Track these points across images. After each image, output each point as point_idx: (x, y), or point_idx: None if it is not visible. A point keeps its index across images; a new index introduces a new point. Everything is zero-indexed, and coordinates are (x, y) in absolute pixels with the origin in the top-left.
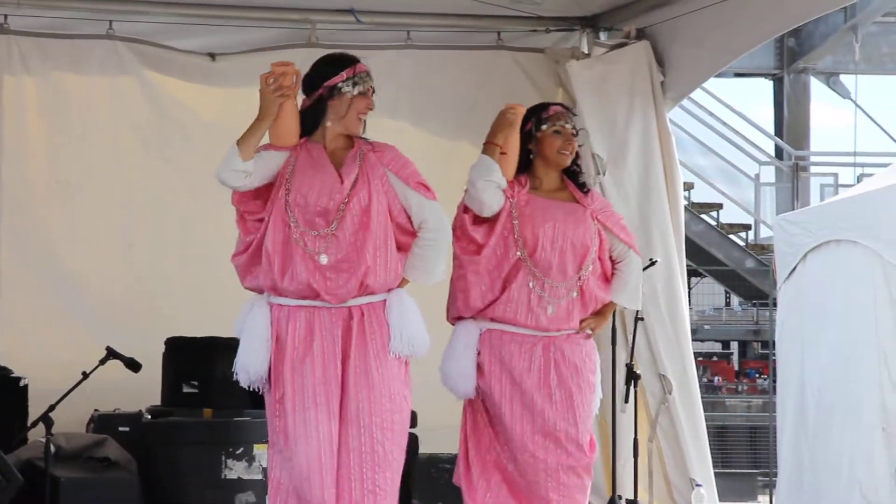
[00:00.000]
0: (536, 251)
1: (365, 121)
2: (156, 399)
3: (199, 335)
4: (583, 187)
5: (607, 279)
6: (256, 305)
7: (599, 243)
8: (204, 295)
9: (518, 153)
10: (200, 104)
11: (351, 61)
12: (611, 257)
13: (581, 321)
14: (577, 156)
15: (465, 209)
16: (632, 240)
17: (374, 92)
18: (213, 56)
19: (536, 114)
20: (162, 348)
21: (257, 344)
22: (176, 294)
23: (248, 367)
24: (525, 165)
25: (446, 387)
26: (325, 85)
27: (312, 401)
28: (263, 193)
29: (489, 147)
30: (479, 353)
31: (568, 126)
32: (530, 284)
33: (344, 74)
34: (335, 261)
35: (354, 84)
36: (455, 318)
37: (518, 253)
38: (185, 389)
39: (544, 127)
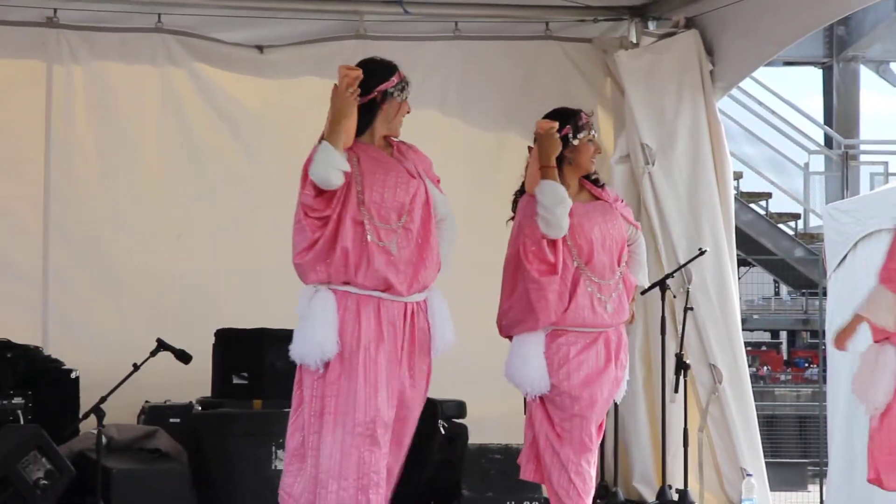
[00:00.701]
0: (593, 258)
1: None
2: (206, 390)
3: (248, 326)
4: (597, 182)
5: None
6: (321, 290)
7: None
8: (253, 286)
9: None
10: (248, 96)
11: (396, 67)
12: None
13: None
14: None
15: (542, 235)
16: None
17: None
18: (261, 48)
19: (572, 121)
20: (212, 340)
21: (329, 327)
22: (225, 285)
23: (322, 346)
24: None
25: (519, 388)
26: (378, 89)
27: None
28: (324, 192)
29: (549, 171)
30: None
31: (595, 133)
32: (589, 289)
33: (394, 80)
34: (406, 253)
35: (402, 90)
36: (523, 332)
37: (575, 262)
38: (235, 381)
39: (581, 135)
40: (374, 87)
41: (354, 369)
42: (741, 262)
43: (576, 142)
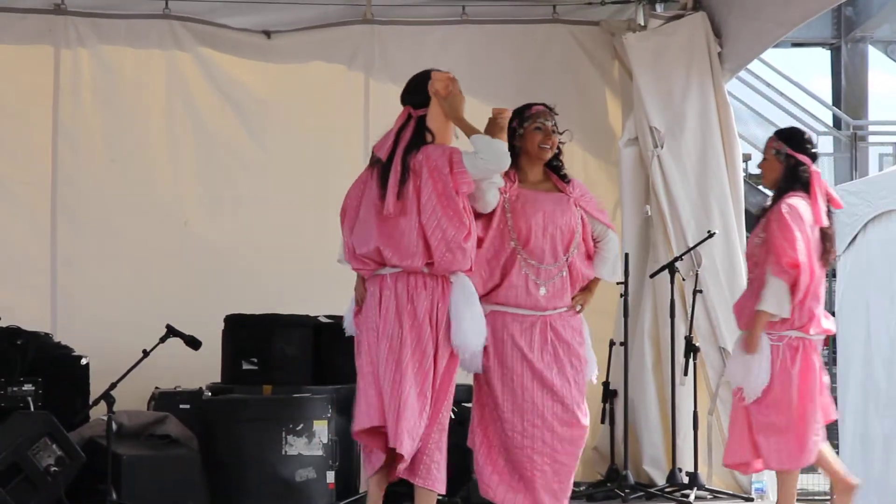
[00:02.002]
0: (530, 241)
1: None
2: (216, 376)
3: (258, 312)
4: (564, 178)
5: (590, 258)
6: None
7: (583, 227)
8: (262, 271)
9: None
10: (256, 81)
11: None
12: (593, 238)
13: (571, 298)
14: (559, 151)
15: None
16: (608, 220)
17: None
18: (268, 34)
19: (520, 113)
20: (221, 325)
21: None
22: (234, 271)
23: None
24: (512, 161)
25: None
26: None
27: None
28: None
29: (461, 123)
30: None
31: (548, 123)
32: (524, 271)
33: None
34: None
35: None
36: None
37: (512, 243)
38: (245, 366)
39: (526, 124)
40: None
41: None
42: None
43: (521, 130)
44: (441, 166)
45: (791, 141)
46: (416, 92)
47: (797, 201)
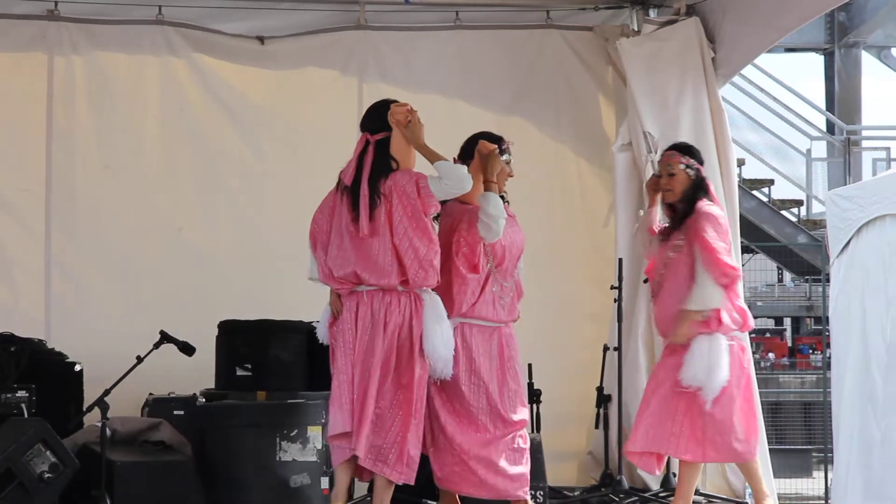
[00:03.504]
0: (504, 262)
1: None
2: (210, 382)
3: (252, 318)
4: (503, 199)
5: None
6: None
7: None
8: (256, 277)
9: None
10: (250, 87)
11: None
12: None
13: None
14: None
15: (479, 239)
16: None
17: None
18: (262, 39)
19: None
20: (215, 331)
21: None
22: (228, 277)
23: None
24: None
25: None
26: None
27: None
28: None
29: (492, 185)
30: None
31: (510, 158)
32: (494, 289)
33: None
34: None
35: None
36: None
37: (488, 265)
38: (239, 372)
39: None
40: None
41: None
42: (744, 249)
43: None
44: (409, 191)
45: (693, 154)
46: (374, 119)
47: (717, 209)
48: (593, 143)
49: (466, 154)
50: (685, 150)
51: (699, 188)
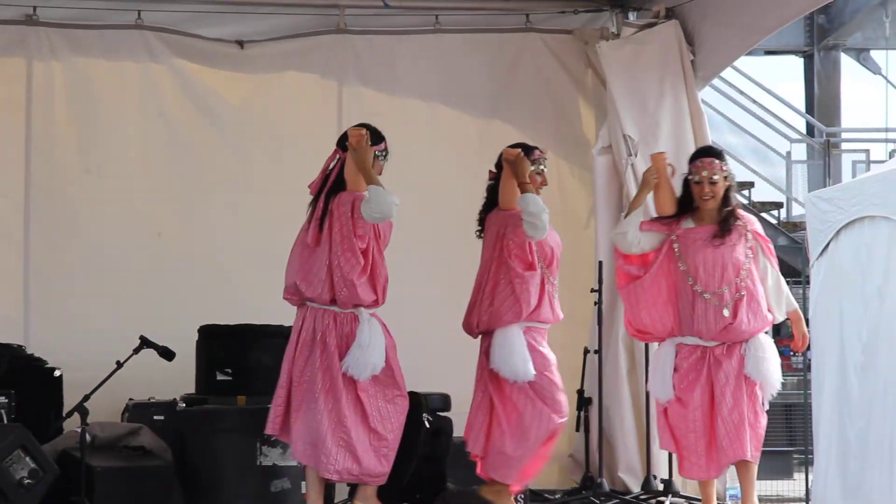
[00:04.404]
0: (553, 262)
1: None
2: (190, 387)
3: (232, 323)
4: None
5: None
6: (372, 319)
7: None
8: (237, 282)
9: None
10: (230, 91)
11: (383, 137)
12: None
13: None
14: None
15: (525, 238)
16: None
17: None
18: (241, 44)
19: (529, 156)
20: (195, 336)
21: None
22: (209, 281)
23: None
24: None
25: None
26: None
27: None
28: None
29: (527, 186)
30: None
31: (544, 168)
32: (548, 290)
33: (382, 146)
34: None
35: (385, 156)
36: (506, 324)
37: (539, 265)
38: (219, 377)
39: (532, 168)
40: (373, 145)
41: None
42: None
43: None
44: (345, 211)
45: (724, 160)
46: (345, 137)
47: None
48: (573, 145)
49: (499, 165)
50: (719, 156)
51: (732, 193)
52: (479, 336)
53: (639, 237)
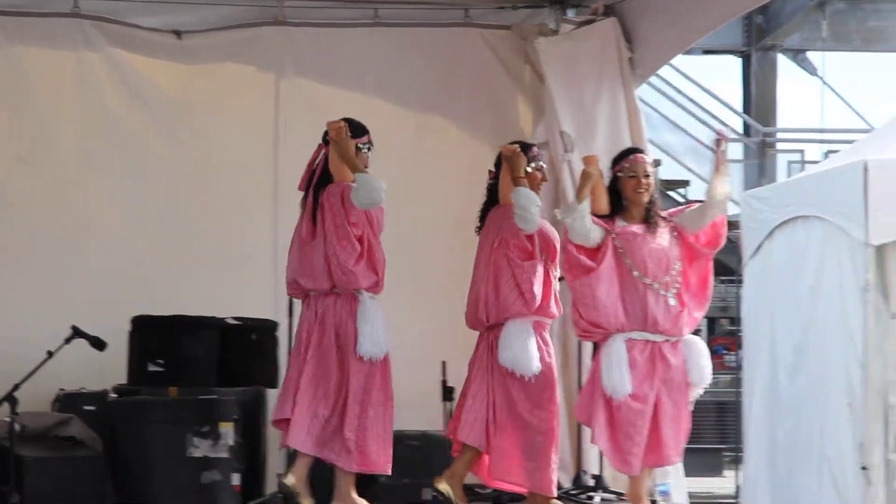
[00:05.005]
0: (555, 254)
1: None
2: (122, 378)
3: (165, 313)
4: None
5: None
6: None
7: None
8: (170, 272)
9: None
10: (167, 82)
11: (367, 130)
12: None
13: None
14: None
15: (519, 230)
16: None
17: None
18: (179, 34)
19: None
20: (128, 327)
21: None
22: (142, 272)
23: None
24: None
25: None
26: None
27: None
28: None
29: (521, 181)
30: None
31: (542, 164)
32: (553, 283)
33: (365, 138)
34: None
35: (369, 148)
36: (514, 317)
37: (542, 258)
38: (151, 368)
39: (532, 165)
40: (353, 137)
41: None
42: None
43: (527, 169)
44: (335, 202)
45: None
46: (327, 132)
47: None
48: (510, 140)
49: (498, 163)
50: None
51: (657, 193)
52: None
53: (592, 226)
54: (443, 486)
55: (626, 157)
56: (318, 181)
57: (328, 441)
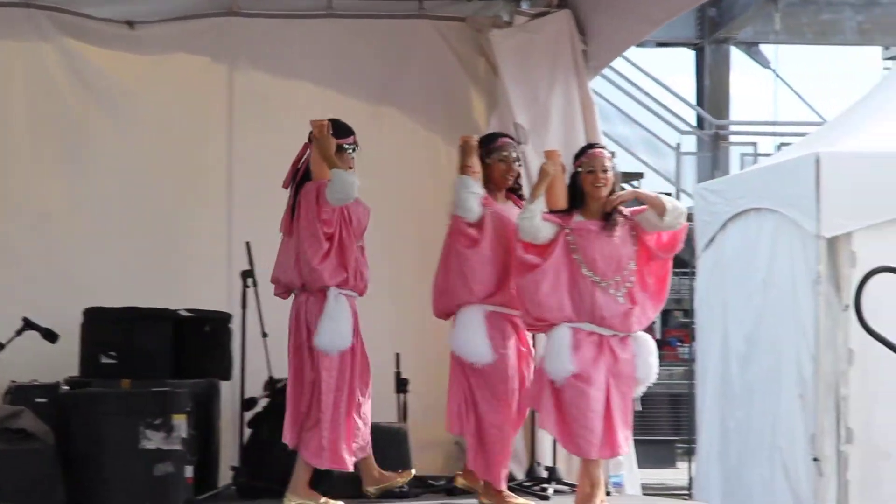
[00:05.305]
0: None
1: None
2: (73, 370)
3: (117, 305)
4: (522, 196)
5: None
6: (340, 297)
7: None
8: (123, 265)
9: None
10: (120, 72)
11: (352, 131)
12: None
13: None
14: (518, 175)
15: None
16: None
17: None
18: (131, 24)
19: (487, 143)
20: (80, 319)
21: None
22: (94, 264)
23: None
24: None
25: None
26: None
27: None
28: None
29: (465, 169)
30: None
31: (512, 154)
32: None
33: (350, 139)
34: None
35: (353, 149)
36: (463, 305)
37: (492, 245)
38: (103, 360)
39: (492, 156)
40: (338, 138)
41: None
42: None
43: (489, 160)
44: (310, 199)
45: None
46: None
47: None
48: (464, 132)
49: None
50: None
51: (617, 188)
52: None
53: (544, 224)
54: (460, 483)
55: (585, 152)
56: (300, 179)
57: (304, 435)
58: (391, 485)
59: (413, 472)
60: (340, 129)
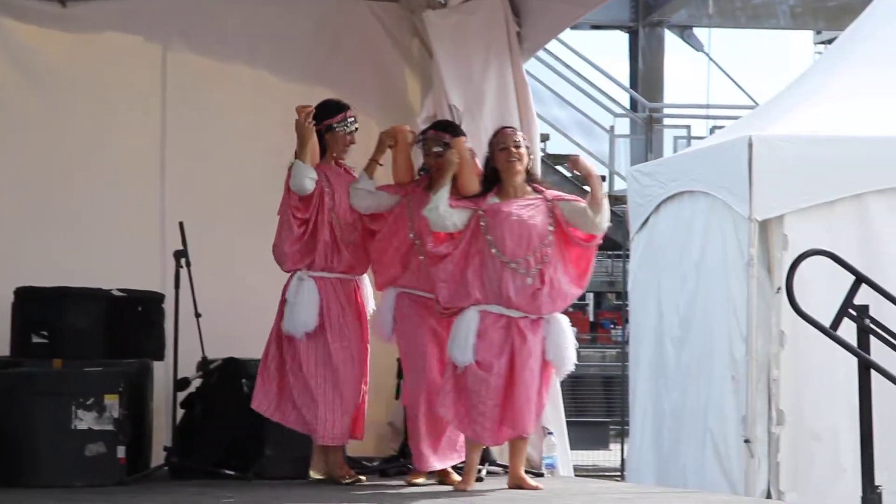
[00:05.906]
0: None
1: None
2: (4, 349)
3: (49, 285)
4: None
5: None
6: (305, 279)
7: None
8: (53, 244)
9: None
10: (51, 50)
11: (344, 107)
12: None
13: None
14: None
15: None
16: None
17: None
18: (63, 2)
19: (331, 116)
20: (11, 298)
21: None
22: (25, 243)
23: (308, 323)
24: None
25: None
26: (325, 123)
27: None
28: (302, 198)
29: (372, 164)
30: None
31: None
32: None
33: (339, 117)
34: (356, 243)
35: (346, 125)
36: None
37: (411, 235)
38: (35, 339)
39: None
40: (322, 120)
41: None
42: None
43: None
44: (286, 186)
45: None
46: None
47: None
48: (398, 114)
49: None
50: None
51: (534, 168)
52: None
53: (450, 212)
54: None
55: (496, 134)
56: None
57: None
58: (336, 480)
59: (363, 479)
60: (329, 108)
